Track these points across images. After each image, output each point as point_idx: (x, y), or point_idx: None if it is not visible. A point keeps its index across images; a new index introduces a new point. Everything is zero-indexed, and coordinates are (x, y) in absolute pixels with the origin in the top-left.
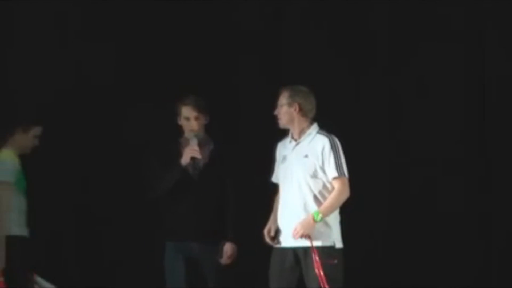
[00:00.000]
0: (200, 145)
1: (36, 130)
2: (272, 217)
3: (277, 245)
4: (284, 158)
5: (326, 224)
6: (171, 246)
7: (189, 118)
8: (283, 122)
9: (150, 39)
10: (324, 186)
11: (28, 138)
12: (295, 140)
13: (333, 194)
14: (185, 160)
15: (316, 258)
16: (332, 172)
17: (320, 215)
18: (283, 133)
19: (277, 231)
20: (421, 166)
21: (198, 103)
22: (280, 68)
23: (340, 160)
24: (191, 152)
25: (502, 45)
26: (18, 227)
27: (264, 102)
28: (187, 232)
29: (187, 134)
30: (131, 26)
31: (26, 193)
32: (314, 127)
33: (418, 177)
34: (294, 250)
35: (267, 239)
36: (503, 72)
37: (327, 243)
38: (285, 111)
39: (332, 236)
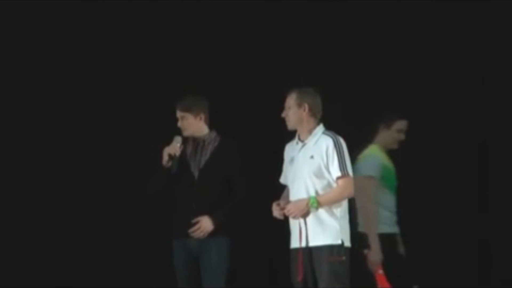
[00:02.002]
0: (194, 142)
1: (400, 125)
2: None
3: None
4: (292, 159)
5: (335, 223)
6: (175, 243)
7: (178, 118)
8: (291, 124)
9: (149, 39)
10: (330, 186)
11: (391, 133)
12: (302, 141)
13: (336, 189)
14: (164, 159)
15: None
16: (335, 171)
17: (316, 203)
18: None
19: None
20: (421, 166)
21: (183, 103)
22: (281, 69)
23: (344, 160)
24: (168, 150)
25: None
26: (383, 225)
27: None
28: (186, 229)
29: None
30: (131, 26)
31: (396, 191)
32: (320, 128)
33: (417, 177)
34: (303, 250)
35: (275, 212)
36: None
37: (336, 242)
38: (294, 112)
39: (341, 234)
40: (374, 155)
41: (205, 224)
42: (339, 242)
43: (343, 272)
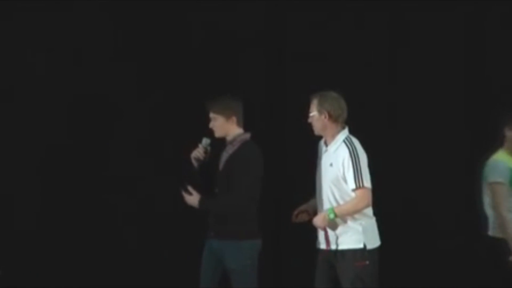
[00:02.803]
0: (224, 144)
1: None
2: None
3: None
4: (319, 160)
5: (356, 227)
6: (206, 244)
7: (211, 119)
8: (316, 130)
9: (151, 40)
10: (348, 194)
11: None
12: (326, 145)
13: (353, 200)
14: (193, 162)
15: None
16: (351, 183)
17: (332, 214)
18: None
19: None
20: (421, 165)
21: (212, 104)
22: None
23: (359, 171)
24: (192, 153)
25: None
26: None
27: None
28: (210, 230)
29: None
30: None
31: None
32: (343, 134)
33: (416, 177)
34: (329, 251)
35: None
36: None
37: (358, 246)
38: (317, 119)
39: (363, 238)
40: (500, 160)
41: (191, 199)
42: (361, 246)
43: (365, 274)
